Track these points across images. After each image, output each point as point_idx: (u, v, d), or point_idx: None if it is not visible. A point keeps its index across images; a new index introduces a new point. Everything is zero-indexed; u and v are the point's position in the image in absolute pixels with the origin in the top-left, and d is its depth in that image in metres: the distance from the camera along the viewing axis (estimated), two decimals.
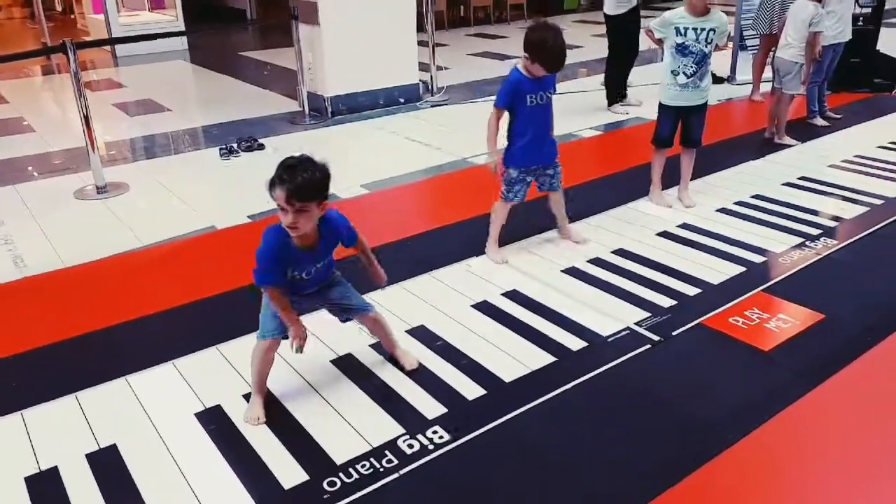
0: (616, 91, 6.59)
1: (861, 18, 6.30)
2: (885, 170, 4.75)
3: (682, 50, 3.92)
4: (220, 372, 2.75)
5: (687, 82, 3.97)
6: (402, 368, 2.71)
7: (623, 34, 6.32)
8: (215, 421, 2.47)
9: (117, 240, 3.98)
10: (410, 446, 2.30)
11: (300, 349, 2.36)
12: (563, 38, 3.26)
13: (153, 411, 2.52)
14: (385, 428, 2.39)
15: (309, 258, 2.33)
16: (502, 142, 3.49)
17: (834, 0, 5.50)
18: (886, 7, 6.79)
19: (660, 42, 4.09)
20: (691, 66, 3.93)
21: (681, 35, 3.88)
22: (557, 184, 3.62)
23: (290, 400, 2.56)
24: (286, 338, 2.41)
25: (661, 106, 4.17)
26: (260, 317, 2.46)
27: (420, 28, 7.06)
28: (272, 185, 2.15)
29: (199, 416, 2.49)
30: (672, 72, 3.99)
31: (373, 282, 2.63)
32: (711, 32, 3.86)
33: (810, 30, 5.02)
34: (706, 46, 3.89)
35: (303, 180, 2.13)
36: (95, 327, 3.08)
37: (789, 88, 5.24)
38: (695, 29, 3.85)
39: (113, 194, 4.68)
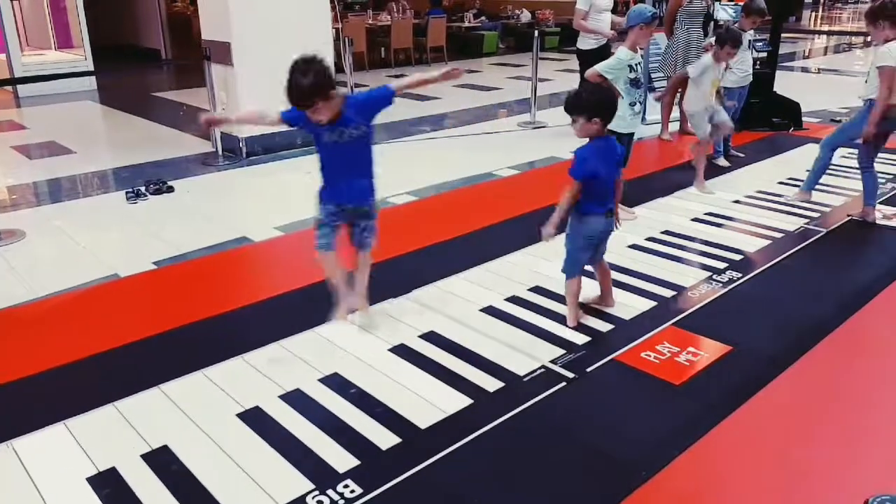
0: None
1: (758, 62, 6.67)
2: (785, 204, 4.98)
3: (636, 83, 4.42)
4: (117, 431, 2.56)
5: (640, 110, 4.50)
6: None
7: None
8: (110, 485, 2.29)
9: (7, 291, 3.72)
10: (320, 503, 2.19)
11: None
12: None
13: (40, 478, 2.32)
14: (292, 484, 2.27)
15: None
16: None
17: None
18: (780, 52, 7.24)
19: (607, 83, 4.37)
20: (642, 95, 4.51)
21: (634, 71, 4.38)
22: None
23: (191, 457, 2.40)
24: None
25: (614, 134, 4.30)
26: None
27: (339, 69, 7.05)
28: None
29: (92, 480, 2.31)
30: (630, 104, 4.42)
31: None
32: (640, 64, 4.48)
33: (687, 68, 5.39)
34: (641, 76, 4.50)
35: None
36: None
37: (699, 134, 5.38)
38: (639, 63, 4.43)
39: (6, 242, 4.39)
